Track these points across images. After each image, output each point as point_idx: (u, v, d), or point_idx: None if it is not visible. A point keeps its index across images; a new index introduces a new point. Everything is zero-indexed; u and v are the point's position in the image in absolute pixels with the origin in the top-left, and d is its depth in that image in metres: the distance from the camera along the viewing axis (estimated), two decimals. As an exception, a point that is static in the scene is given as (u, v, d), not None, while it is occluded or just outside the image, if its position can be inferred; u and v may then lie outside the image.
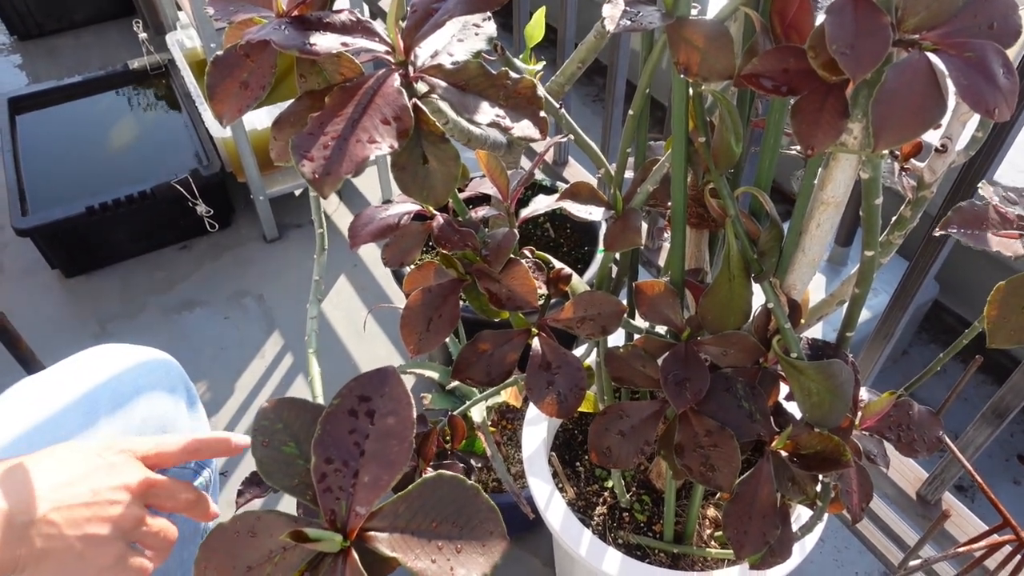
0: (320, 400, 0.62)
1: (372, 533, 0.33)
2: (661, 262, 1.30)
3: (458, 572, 0.31)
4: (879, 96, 0.32)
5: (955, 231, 0.44)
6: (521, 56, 0.78)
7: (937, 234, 0.46)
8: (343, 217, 1.75)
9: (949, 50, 0.33)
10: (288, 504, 1.19)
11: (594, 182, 0.59)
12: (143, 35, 1.85)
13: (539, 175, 1.29)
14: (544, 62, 0.82)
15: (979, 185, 0.48)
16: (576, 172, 1.47)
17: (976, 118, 0.51)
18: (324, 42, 0.37)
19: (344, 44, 0.38)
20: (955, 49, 0.33)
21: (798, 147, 0.38)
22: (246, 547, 0.32)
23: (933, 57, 0.33)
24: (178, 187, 1.54)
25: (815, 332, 0.65)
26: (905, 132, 0.33)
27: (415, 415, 0.33)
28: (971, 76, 0.33)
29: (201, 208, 1.60)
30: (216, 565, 0.32)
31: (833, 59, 0.33)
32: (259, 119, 1.52)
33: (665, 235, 0.66)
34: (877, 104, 0.32)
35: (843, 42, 0.32)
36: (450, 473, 0.32)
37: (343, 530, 0.33)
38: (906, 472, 0.95)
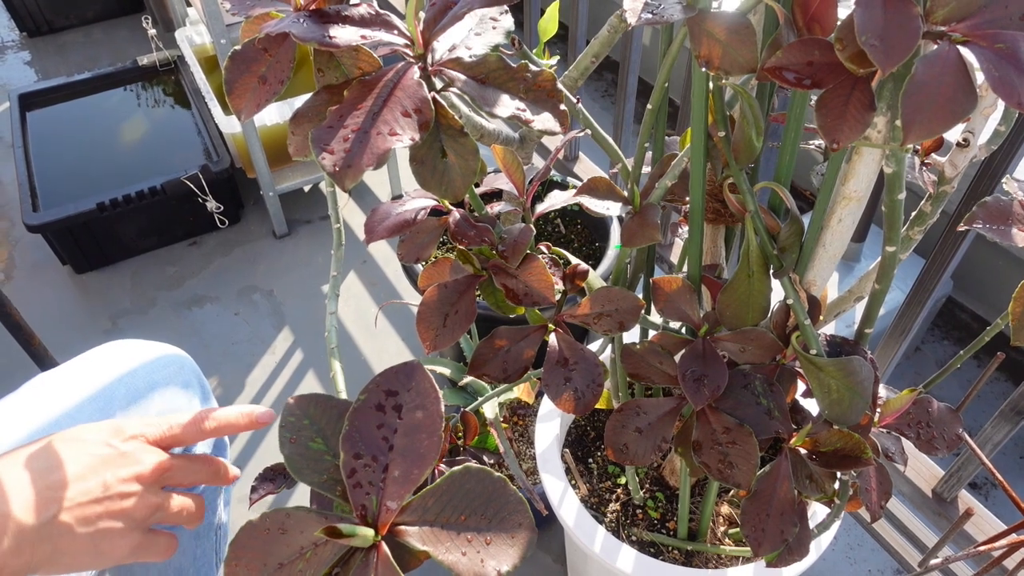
0: (343, 395, 0.62)
1: (402, 527, 0.33)
2: (673, 258, 1.29)
3: (488, 564, 0.30)
4: (909, 89, 0.32)
5: (980, 226, 0.44)
6: (534, 51, 0.77)
7: (962, 229, 0.45)
8: (352, 214, 1.75)
9: (979, 41, 0.33)
10: (299, 500, 1.19)
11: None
12: (152, 31, 1.85)
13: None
14: (558, 57, 0.82)
15: (1003, 180, 0.47)
16: (587, 168, 1.47)
17: (999, 113, 0.50)
18: (343, 35, 0.37)
19: (363, 37, 0.37)
20: (985, 40, 0.33)
21: (818, 141, 0.37)
22: (277, 544, 0.32)
23: (962, 49, 0.33)
24: (188, 183, 1.55)
25: (827, 329, 0.64)
26: (935, 125, 0.32)
27: (443, 408, 0.33)
28: (1003, 68, 0.32)
29: (211, 204, 1.60)
30: (247, 563, 0.32)
31: (861, 51, 0.32)
32: (268, 115, 1.51)
33: (680, 231, 0.66)
34: (907, 96, 0.32)
35: (873, 33, 0.32)
36: (477, 465, 0.32)
37: (374, 525, 0.33)
38: (922, 470, 0.94)
